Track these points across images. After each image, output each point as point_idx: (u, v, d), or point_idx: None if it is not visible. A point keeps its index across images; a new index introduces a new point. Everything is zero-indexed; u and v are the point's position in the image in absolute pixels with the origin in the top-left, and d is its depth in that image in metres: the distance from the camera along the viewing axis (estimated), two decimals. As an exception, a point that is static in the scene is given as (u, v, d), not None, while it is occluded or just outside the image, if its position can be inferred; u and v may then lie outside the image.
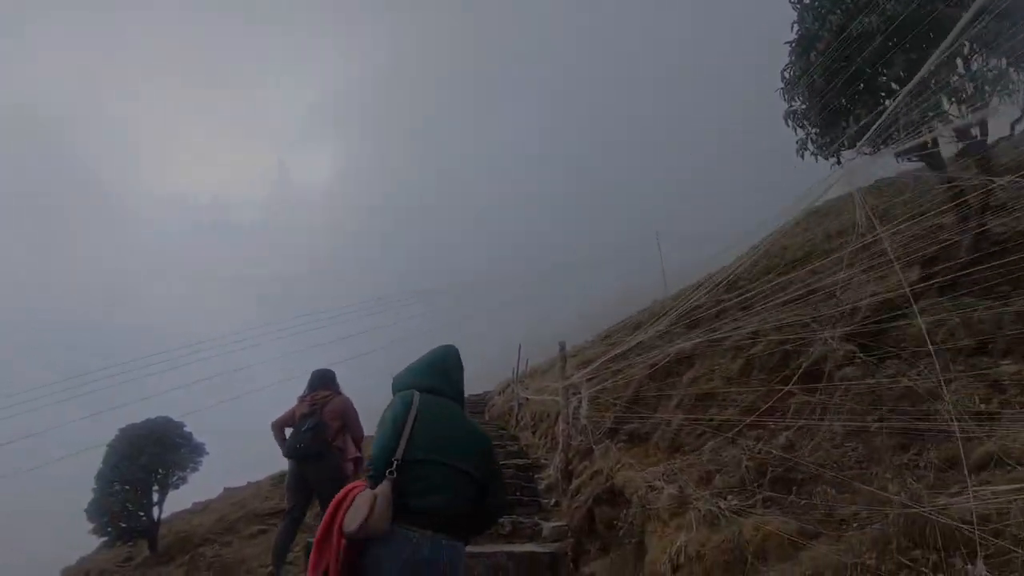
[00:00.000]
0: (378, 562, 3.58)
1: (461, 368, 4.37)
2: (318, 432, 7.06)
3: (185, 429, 29.89)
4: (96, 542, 30.29)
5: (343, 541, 3.62)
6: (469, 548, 7.72)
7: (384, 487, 3.65)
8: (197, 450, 29.97)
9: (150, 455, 28.17)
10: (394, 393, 4.16)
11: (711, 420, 7.58)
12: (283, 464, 30.33)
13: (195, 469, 29.97)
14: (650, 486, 5.80)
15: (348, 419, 7.45)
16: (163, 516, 30.88)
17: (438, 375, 4.22)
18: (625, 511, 6.13)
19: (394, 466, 3.68)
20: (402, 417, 3.85)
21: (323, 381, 7.62)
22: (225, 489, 40.66)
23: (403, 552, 3.53)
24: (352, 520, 3.57)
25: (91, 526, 28.63)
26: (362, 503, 3.59)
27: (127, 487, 28.71)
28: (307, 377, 7.61)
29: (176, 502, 33.44)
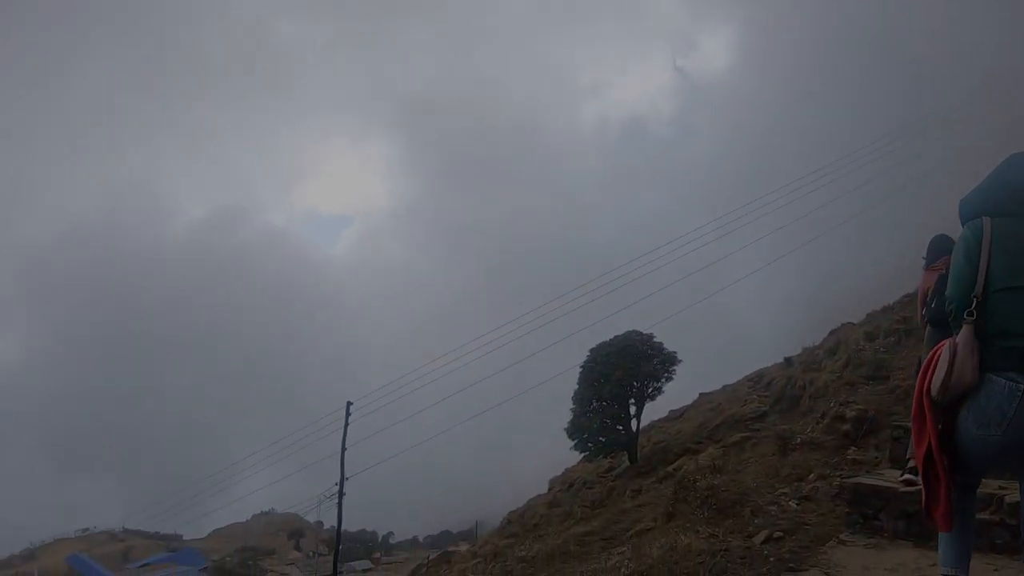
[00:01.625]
0: (979, 419, 3.11)
1: None
2: None
3: (655, 340, 30.33)
4: (579, 455, 32.33)
5: (934, 410, 3.28)
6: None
7: (964, 332, 3.15)
8: (669, 359, 30.23)
9: (624, 370, 29.00)
10: (963, 223, 3.51)
11: None
12: (757, 365, 29.21)
13: (669, 378, 30.30)
14: None
15: None
16: (641, 427, 31.92)
17: (1012, 193, 3.39)
18: None
19: (973, 304, 3.15)
20: (975, 248, 3.27)
21: (950, 247, 6.45)
22: (700, 395, 40.98)
23: (1002, 402, 2.98)
24: (935, 383, 3.21)
25: (571, 443, 30.54)
26: (942, 360, 3.17)
27: (604, 404, 29.97)
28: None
29: (652, 412, 34.50)
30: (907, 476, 6.40)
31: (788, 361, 28.83)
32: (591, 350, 29.14)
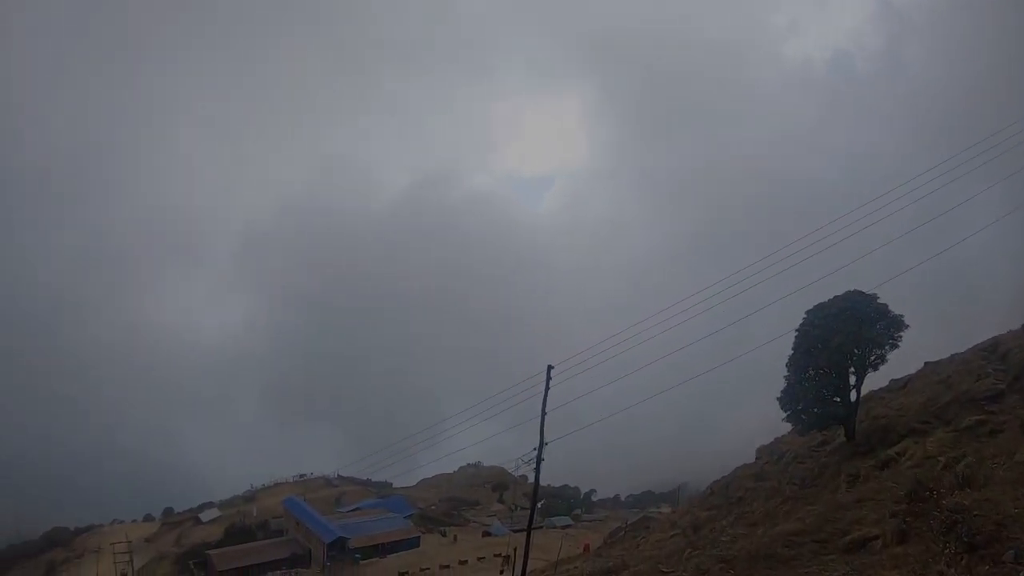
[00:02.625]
0: None
1: None
2: None
3: (879, 301, 27.24)
4: (790, 425, 30.02)
5: None
6: None
7: None
8: (895, 324, 27.14)
9: (844, 335, 26.28)
10: None
11: None
12: (991, 332, 26.04)
13: (895, 345, 27.24)
14: None
15: None
16: (860, 398, 29.15)
17: None
18: None
19: None
20: None
21: None
22: (925, 364, 37.02)
23: None
24: None
25: (783, 414, 28.23)
26: None
27: (820, 372, 27.39)
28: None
29: (871, 381, 31.41)
30: None
31: (1027, 326, 25.03)
32: (807, 312, 26.65)
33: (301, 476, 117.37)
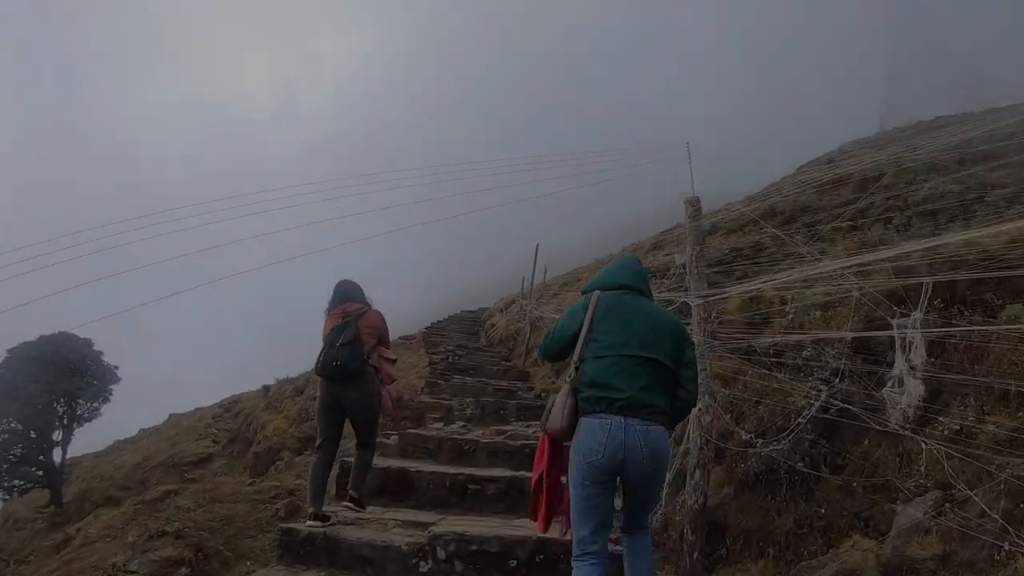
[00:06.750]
0: (579, 447, 4.00)
1: (644, 270, 4.61)
2: (356, 348, 6.18)
3: (94, 348, 24.24)
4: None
5: (553, 442, 4.32)
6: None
7: (563, 389, 4.11)
8: (107, 375, 24.44)
9: (43, 384, 22.49)
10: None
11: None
12: (231, 391, 24.39)
13: (106, 399, 24.54)
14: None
15: (383, 335, 6.82)
16: (101, 449, 26.17)
17: (624, 273, 4.40)
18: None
19: (572, 369, 4.11)
20: (579, 318, 4.22)
21: (352, 294, 6.73)
22: (170, 416, 34.86)
23: (599, 436, 3.89)
24: (542, 423, 4.27)
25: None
26: (547, 408, 4.20)
27: (19, 427, 23.17)
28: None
29: (116, 430, 28.62)
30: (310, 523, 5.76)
31: (267, 389, 24.52)
32: (9, 350, 22.36)
33: None
